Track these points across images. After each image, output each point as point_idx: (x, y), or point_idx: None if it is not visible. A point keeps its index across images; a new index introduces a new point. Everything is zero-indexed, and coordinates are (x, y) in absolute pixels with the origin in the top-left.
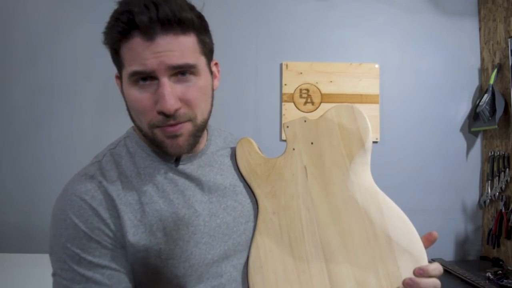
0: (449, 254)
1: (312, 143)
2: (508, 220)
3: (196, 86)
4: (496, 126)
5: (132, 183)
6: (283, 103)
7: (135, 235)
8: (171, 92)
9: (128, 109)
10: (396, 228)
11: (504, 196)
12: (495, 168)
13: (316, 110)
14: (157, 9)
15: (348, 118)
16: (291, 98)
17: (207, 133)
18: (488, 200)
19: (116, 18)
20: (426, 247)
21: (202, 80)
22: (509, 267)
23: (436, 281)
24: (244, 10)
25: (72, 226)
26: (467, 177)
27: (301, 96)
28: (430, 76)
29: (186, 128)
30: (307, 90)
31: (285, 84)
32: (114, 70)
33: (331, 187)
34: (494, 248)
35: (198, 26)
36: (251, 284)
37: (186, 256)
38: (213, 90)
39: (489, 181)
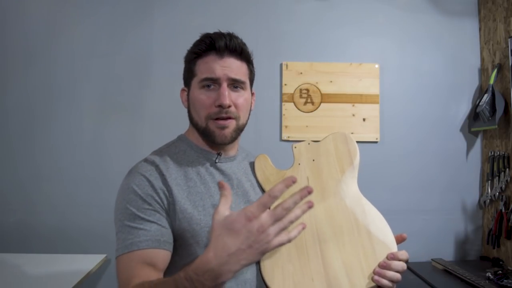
0: (449, 254)
1: (313, 160)
2: (508, 220)
3: (243, 96)
4: (496, 126)
5: (182, 170)
6: (283, 103)
7: (184, 204)
8: (228, 94)
9: (190, 111)
10: (375, 225)
11: (504, 196)
12: (495, 168)
13: (316, 110)
14: (230, 40)
15: (342, 143)
16: (291, 98)
17: (238, 146)
18: (488, 200)
19: (199, 41)
20: (397, 243)
21: (246, 94)
22: (509, 267)
23: (403, 264)
24: (244, 10)
25: (132, 192)
26: (467, 177)
27: (301, 96)
28: (430, 76)
29: (231, 124)
30: (307, 90)
31: (285, 84)
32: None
33: (327, 193)
34: (494, 248)
35: (248, 59)
36: (261, 261)
37: None
38: (251, 108)
39: (489, 181)
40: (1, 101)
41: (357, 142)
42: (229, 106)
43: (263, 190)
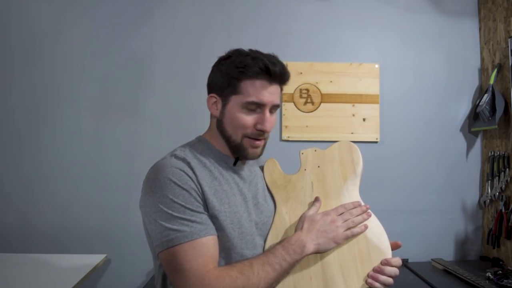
0: (449, 254)
1: (318, 166)
2: (508, 220)
3: (275, 119)
4: (496, 126)
5: (207, 170)
6: (283, 103)
7: (212, 201)
8: (270, 120)
9: (222, 121)
10: (372, 231)
11: (504, 196)
12: (495, 168)
13: (316, 110)
14: (282, 67)
15: (346, 151)
16: (291, 98)
17: None
18: (488, 200)
19: (253, 63)
20: (392, 249)
21: (275, 115)
22: (509, 267)
23: (396, 270)
24: (244, 10)
25: (177, 186)
26: (467, 177)
27: (301, 96)
28: (430, 76)
29: (262, 144)
30: (307, 90)
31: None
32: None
33: (329, 198)
34: (494, 248)
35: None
36: None
37: (240, 225)
38: None
39: (489, 181)
40: (5, 100)
41: (357, 142)
42: (269, 131)
43: (270, 192)
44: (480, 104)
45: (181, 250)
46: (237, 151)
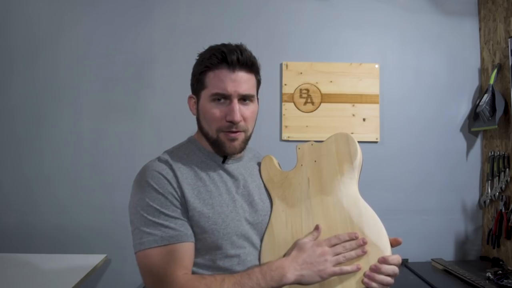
0: (449, 254)
1: (315, 161)
2: (508, 220)
3: (251, 109)
4: (496, 126)
5: (192, 170)
6: (283, 103)
7: (193, 203)
8: (238, 110)
9: (199, 119)
10: (370, 226)
11: (504, 196)
12: (495, 168)
13: (316, 110)
14: (241, 54)
15: (343, 143)
16: (291, 98)
17: None
18: (488, 200)
19: (211, 54)
20: (392, 246)
21: (254, 106)
22: (509, 267)
23: (394, 268)
24: (244, 10)
25: (154, 190)
26: (467, 177)
27: (301, 96)
28: (430, 76)
29: (240, 136)
30: (307, 90)
31: (285, 84)
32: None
33: (325, 194)
34: (494, 248)
35: (257, 70)
36: (263, 257)
37: (225, 225)
38: (257, 114)
39: (489, 181)
40: (5, 101)
41: (357, 142)
42: (239, 121)
43: (267, 190)
44: (480, 104)
45: (151, 254)
46: (216, 147)
